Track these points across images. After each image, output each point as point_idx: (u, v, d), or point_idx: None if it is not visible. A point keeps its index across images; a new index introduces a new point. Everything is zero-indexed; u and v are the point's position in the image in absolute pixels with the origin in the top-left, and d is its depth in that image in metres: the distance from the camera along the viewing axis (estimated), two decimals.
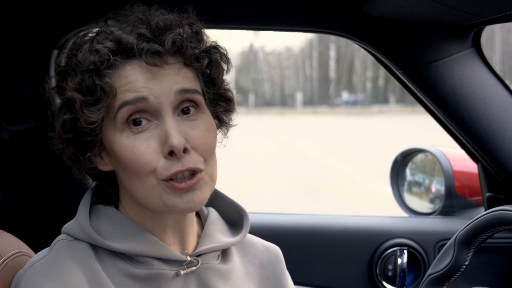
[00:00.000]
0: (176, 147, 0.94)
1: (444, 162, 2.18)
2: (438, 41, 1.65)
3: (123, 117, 0.97)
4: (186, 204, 0.98)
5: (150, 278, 1.02)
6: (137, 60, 0.97)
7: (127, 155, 0.97)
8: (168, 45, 0.97)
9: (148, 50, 0.96)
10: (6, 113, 1.72)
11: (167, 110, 0.97)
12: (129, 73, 0.97)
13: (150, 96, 0.96)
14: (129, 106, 0.96)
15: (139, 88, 0.96)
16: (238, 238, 1.15)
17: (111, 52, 0.97)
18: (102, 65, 0.96)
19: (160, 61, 0.97)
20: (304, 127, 26.24)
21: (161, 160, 0.96)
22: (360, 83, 49.07)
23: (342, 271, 1.96)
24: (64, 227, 1.07)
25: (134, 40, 0.96)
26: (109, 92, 0.96)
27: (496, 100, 1.68)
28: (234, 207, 1.20)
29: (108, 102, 0.97)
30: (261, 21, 1.69)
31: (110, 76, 0.97)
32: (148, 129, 0.97)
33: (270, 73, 52.75)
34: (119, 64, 0.97)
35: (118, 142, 0.98)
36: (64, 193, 1.79)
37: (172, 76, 0.98)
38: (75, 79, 0.98)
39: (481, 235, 1.26)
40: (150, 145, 0.96)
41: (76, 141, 1.02)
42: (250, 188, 9.91)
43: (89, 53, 0.98)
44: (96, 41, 0.99)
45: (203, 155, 1.00)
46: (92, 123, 0.97)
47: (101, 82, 0.96)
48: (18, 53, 1.67)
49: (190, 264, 1.06)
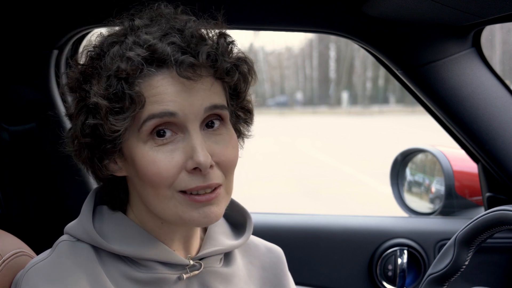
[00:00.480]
0: (203, 165, 0.92)
1: (444, 162, 2.18)
2: (438, 41, 1.65)
3: (148, 129, 0.94)
4: (202, 219, 0.97)
5: (153, 282, 1.01)
6: (169, 70, 0.93)
7: (148, 167, 0.94)
8: (203, 58, 0.92)
9: (182, 62, 0.91)
10: (6, 113, 1.72)
11: (194, 125, 0.94)
12: (160, 83, 0.93)
13: (179, 112, 0.93)
14: (156, 120, 0.93)
15: (168, 101, 0.92)
16: (241, 241, 1.15)
17: (145, 61, 0.92)
18: (134, 74, 0.92)
19: (194, 74, 0.92)
20: (304, 127, 26.24)
21: (182, 173, 0.94)
22: (360, 83, 49.07)
23: (342, 271, 1.96)
24: (66, 228, 1.06)
25: (168, 49, 0.92)
26: (138, 101, 0.92)
27: (496, 100, 1.68)
28: (237, 209, 1.19)
29: (137, 112, 0.93)
30: (261, 21, 1.69)
31: (140, 85, 0.92)
32: (173, 142, 0.95)
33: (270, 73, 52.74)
34: (154, 73, 0.93)
35: (140, 153, 0.95)
36: (64, 193, 1.79)
37: (203, 91, 0.94)
38: (101, 84, 0.93)
39: (481, 235, 1.26)
40: (174, 158, 0.94)
41: (94, 146, 0.98)
42: (250, 188, 9.90)
43: (120, 59, 0.92)
44: (127, 46, 0.94)
45: (224, 171, 0.98)
46: (116, 131, 0.93)
47: (131, 91, 0.92)
48: (18, 53, 1.67)
49: (193, 268, 1.06)
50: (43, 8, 1.61)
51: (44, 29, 1.65)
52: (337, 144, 18.16)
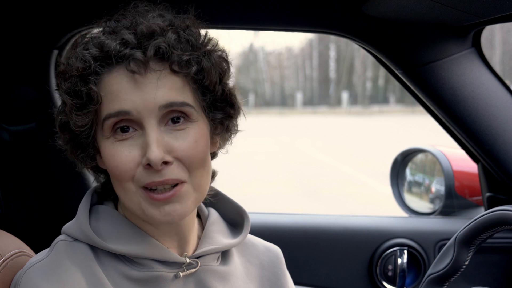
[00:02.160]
0: (153, 161, 0.93)
1: (444, 162, 2.18)
2: (438, 41, 1.65)
3: (109, 126, 0.97)
4: (163, 217, 0.98)
5: (150, 280, 1.02)
6: (122, 66, 0.96)
7: (109, 160, 0.98)
8: (151, 52, 0.94)
9: (129, 57, 0.94)
10: (6, 113, 1.72)
11: (150, 122, 0.96)
12: (114, 81, 0.96)
13: (132, 110, 0.95)
14: (113, 118, 0.96)
15: (122, 100, 0.95)
16: (238, 239, 1.15)
17: (93, 59, 0.96)
18: (84, 71, 0.96)
19: (143, 68, 0.94)
20: (304, 127, 26.25)
21: (139, 168, 0.96)
22: (360, 83, 49.08)
23: (342, 271, 1.96)
24: (64, 228, 1.07)
25: (117, 46, 0.95)
26: (94, 98, 0.96)
27: (496, 100, 1.68)
28: (234, 208, 1.19)
29: (94, 108, 0.97)
30: (261, 21, 1.69)
31: (95, 82, 0.96)
32: (132, 137, 0.97)
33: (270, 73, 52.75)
34: (104, 71, 0.96)
35: (103, 147, 0.99)
36: (64, 193, 1.79)
37: (156, 87, 0.95)
38: (66, 82, 0.99)
39: (481, 235, 1.26)
40: (131, 153, 0.96)
41: (73, 141, 1.04)
42: (250, 188, 9.91)
43: (76, 59, 0.98)
44: (85, 47, 0.99)
45: (188, 167, 0.98)
46: (80, 126, 0.99)
47: (86, 88, 0.96)
48: (18, 53, 1.67)
49: (189, 266, 1.06)
50: (43, 8, 1.61)
51: (44, 29, 1.65)
52: (337, 144, 18.16)
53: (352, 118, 34.12)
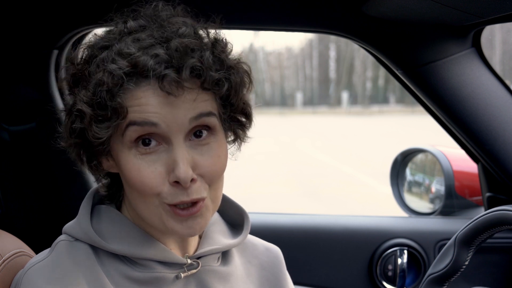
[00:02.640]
0: (183, 180, 0.91)
1: (444, 162, 2.18)
2: (438, 41, 1.65)
3: (131, 137, 0.93)
4: (186, 230, 0.97)
5: (151, 281, 1.02)
6: (153, 82, 0.91)
7: (132, 174, 0.94)
8: (187, 73, 0.90)
9: (164, 76, 0.89)
10: (6, 113, 1.72)
11: (178, 137, 0.93)
12: (142, 95, 0.92)
13: (161, 123, 0.92)
14: (137, 127, 0.92)
15: (150, 113, 0.91)
16: (238, 239, 1.15)
17: (125, 74, 0.91)
18: (115, 87, 0.91)
19: (176, 88, 0.91)
20: (304, 127, 26.24)
21: (166, 185, 0.94)
22: (360, 83, 49.07)
23: (342, 271, 1.96)
24: (65, 227, 1.06)
25: (152, 63, 0.90)
26: (120, 112, 0.91)
27: (496, 100, 1.68)
28: (234, 208, 1.19)
29: (118, 122, 0.92)
30: (261, 21, 1.69)
31: (122, 96, 0.91)
32: (156, 152, 0.94)
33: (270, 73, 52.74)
34: (135, 87, 0.92)
35: (125, 159, 0.95)
36: (64, 193, 1.79)
37: (188, 103, 0.92)
38: (87, 91, 0.94)
39: (481, 235, 1.26)
40: (157, 169, 0.93)
41: (83, 146, 0.99)
42: (250, 188, 9.91)
43: (102, 71, 0.92)
44: (111, 57, 0.93)
45: (209, 182, 0.97)
46: (99, 138, 0.94)
47: (113, 103, 0.91)
48: (18, 53, 1.67)
49: (190, 266, 1.06)
50: (43, 8, 1.61)
51: (44, 29, 1.65)
52: (337, 144, 18.16)
53: (352, 118, 34.12)
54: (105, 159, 1.01)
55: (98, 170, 1.04)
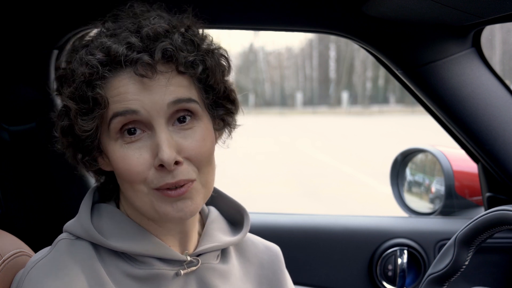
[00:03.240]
0: (166, 162, 0.94)
1: (444, 162, 2.18)
2: (438, 41, 1.65)
3: (116, 127, 0.97)
4: (176, 213, 0.99)
5: (151, 278, 1.03)
6: (129, 69, 0.96)
7: (119, 164, 0.98)
8: (158, 55, 0.95)
9: (137, 61, 0.94)
10: (6, 113, 1.72)
11: (159, 122, 0.96)
12: (121, 84, 0.96)
13: (140, 109, 0.95)
14: (120, 117, 0.96)
15: (129, 100, 0.95)
16: (238, 237, 1.16)
17: (100, 64, 0.96)
18: (92, 76, 0.96)
19: (151, 71, 0.95)
20: (304, 127, 26.25)
21: (151, 170, 0.97)
22: (360, 83, 49.08)
23: (342, 271, 1.96)
24: (65, 226, 1.07)
25: (124, 50, 0.95)
26: (101, 102, 0.96)
27: (496, 100, 1.68)
28: (234, 206, 1.20)
29: (101, 112, 0.97)
30: (261, 21, 1.69)
31: (102, 86, 0.96)
32: (141, 139, 0.97)
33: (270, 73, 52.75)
34: (110, 75, 0.96)
35: (112, 150, 0.99)
36: (64, 193, 1.79)
37: (163, 87, 0.96)
38: (70, 87, 0.99)
39: (481, 235, 1.26)
40: (142, 155, 0.96)
41: (75, 145, 1.03)
42: (250, 188, 9.91)
43: (80, 63, 0.98)
44: (88, 51, 0.99)
45: (197, 165, 0.99)
46: (86, 131, 0.98)
47: (92, 93, 0.96)
48: (18, 53, 1.67)
49: (190, 264, 1.07)
50: (43, 8, 1.61)
51: (44, 29, 1.65)
52: (337, 144, 18.16)
53: (352, 118, 34.12)
54: (100, 157, 1.05)
55: (94, 169, 1.07)
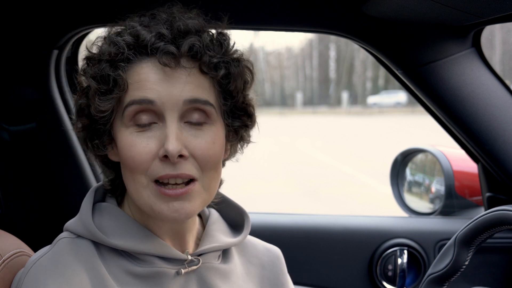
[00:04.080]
0: (170, 152, 0.94)
1: (444, 162, 2.18)
2: (438, 41, 1.65)
3: (130, 114, 0.98)
4: (171, 213, 0.98)
5: (152, 276, 1.03)
6: (153, 59, 0.97)
7: (126, 150, 0.98)
8: (185, 48, 0.96)
9: (163, 50, 0.96)
10: (6, 113, 1.72)
11: (172, 116, 0.97)
12: (143, 71, 0.97)
13: (156, 100, 0.96)
14: (135, 106, 0.97)
15: (148, 89, 0.96)
16: (239, 238, 1.16)
17: (127, 46, 0.97)
18: (116, 57, 0.97)
19: (174, 62, 0.96)
20: (304, 127, 26.25)
21: (156, 160, 0.97)
22: (360, 83, 49.08)
23: (342, 271, 1.96)
24: (66, 225, 1.07)
25: (152, 38, 0.97)
26: (121, 84, 0.97)
27: (496, 100, 1.68)
28: (235, 209, 1.20)
29: (119, 94, 0.98)
30: (261, 21, 1.69)
31: (124, 69, 0.97)
32: (151, 129, 0.98)
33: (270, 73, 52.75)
34: (135, 59, 0.98)
35: (121, 136, 0.99)
36: (64, 193, 1.79)
37: (184, 82, 0.97)
38: (94, 67, 1.00)
39: (481, 235, 1.26)
40: (149, 145, 0.97)
41: (89, 127, 1.04)
42: (250, 188, 9.91)
43: (109, 44, 0.99)
44: (119, 34, 1.01)
45: (202, 165, 0.99)
46: (101, 111, 0.99)
47: (114, 74, 0.97)
48: (18, 53, 1.67)
49: (191, 263, 1.07)
50: (43, 8, 1.61)
51: (44, 29, 1.65)
52: (337, 144, 18.16)
53: (352, 118, 34.12)
54: (109, 145, 1.05)
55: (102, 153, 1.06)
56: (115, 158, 1.06)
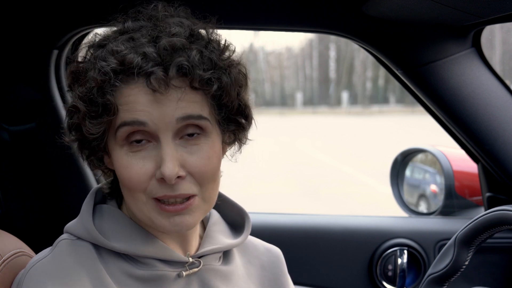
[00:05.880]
0: (167, 177, 0.93)
1: (444, 162, 2.19)
2: (438, 41, 1.65)
3: (123, 136, 0.96)
4: (172, 227, 0.98)
5: (153, 279, 1.02)
6: (142, 80, 0.93)
7: (122, 171, 0.97)
8: (173, 72, 0.92)
9: (151, 74, 0.91)
10: (6, 113, 1.72)
11: (166, 135, 0.94)
12: (132, 93, 0.94)
13: (148, 121, 0.93)
14: (127, 127, 0.95)
15: (138, 111, 0.93)
16: (239, 239, 1.15)
17: (114, 72, 0.93)
18: (104, 83, 0.94)
19: (164, 86, 0.92)
20: (304, 127, 26.24)
21: (153, 180, 0.96)
22: (360, 83, 49.07)
23: (342, 271, 1.96)
24: (66, 227, 1.07)
25: (139, 61, 0.92)
26: (111, 109, 0.94)
27: (496, 100, 1.68)
28: (235, 209, 1.20)
29: (109, 118, 0.95)
30: (261, 21, 1.69)
31: (112, 94, 0.94)
32: (146, 149, 0.96)
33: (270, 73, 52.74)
34: (122, 85, 0.94)
35: (117, 156, 0.98)
36: (64, 193, 1.79)
37: (175, 102, 0.94)
38: (82, 87, 0.97)
39: (481, 235, 1.26)
40: (145, 165, 0.95)
41: (82, 142, 1.02)
42: (250, 188, 9.90)
43: (94, 67, 0.95)
44: (103, 55, 0.96)
45: (199, 181, 0.98)
46: (93, 134, 0.97)
47: (103, 100, 0.94)
48: (18, 53, 1.67)
49: (192, 265, 1.07)
50: (43, 8, 1.61)
51: (44, 29, 1.65)
52: (337, 144, 18.15)
53: (352, 118, 34.11)
54: (106, 156, 1.04)
55: (98, 166, 1.06)
56: (112, 166, 1.05)
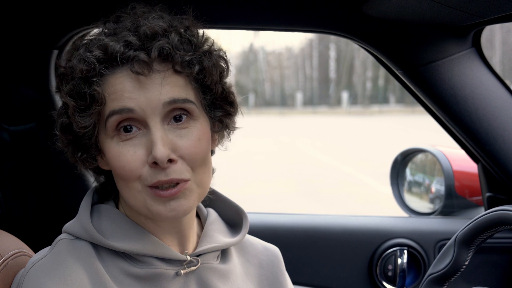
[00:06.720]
0: (159, 159, 0.95)
1: (444, 162, 2.19)
2: (438, 41, 1.65)
3: (112, 125, 0.98)
4: (169, 213, 0.99)
5: (151, 277, 1.03)
6: (125, 67, 0.97)
7: (114, 160, 0.98)
8: (155, 54, 0.96)
9: (133, 58, 0.95)
10: (6, 113, 1.72)
11: (154, 120, 0.97)
12: (117, 81, 0.97)
13: (136, 107, 0.96)
14: (116, 116, 0.97)
15: (126, 99, 0.96)
16: (237, 238, 1.16)
17: (97, 60, 0.97)
18: (89, 73, 0.97)
19: (147, 69, 0.96)
20: (304, 127, 26.25)
21: (145, 167, 0.97)
22: (360, 83, 49.08)
23: (342, 271, 1.96)
24: (65, 227, 1.07)
25: (121, 48, 0.96)
26: (98, 99, 0.97)
27: (496, 100, 1.68)
28: (233, 208, 1.20)
29: (98, 109, 0.98)
30: (261, 21, 1.69)
31: (99, 83, 0.97)
32: (136, 137, 0.98)
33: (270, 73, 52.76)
34: (108, 72, 0.97)
35: (108, 148, 1.00)
36: (64, 193, 1.79)
37: (159, 85, 0.97)
38: (69, 84, 1.00)
39: (481, 235, 1.26)
40: (136, 152, 0.97)
41: (74, 142, 1.04)
42: (250, 188, 9.91)
43: (79, 61, 0.99)
44: (87, 48, 1.00)
45: (191, 165, 1.00)
46: (83, 127, 0.99)
47: (89, 90, 0.97)
48: (18, 53, 1.67)
49: (190, 264, 1.07)
50: (43, 8, 1.61)
51: (44, 29, 1.65)
52: (337, 144, 18.16)
53: (352, 118, 34.12)
54: (98, 156, 1.05)
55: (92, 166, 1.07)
56: (106, 167, 1.06)
